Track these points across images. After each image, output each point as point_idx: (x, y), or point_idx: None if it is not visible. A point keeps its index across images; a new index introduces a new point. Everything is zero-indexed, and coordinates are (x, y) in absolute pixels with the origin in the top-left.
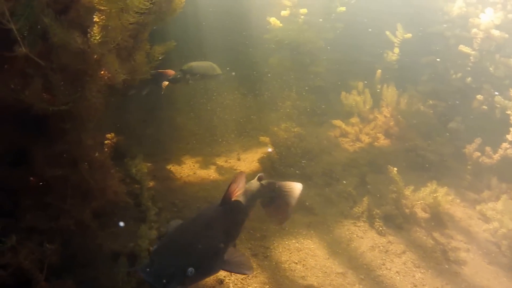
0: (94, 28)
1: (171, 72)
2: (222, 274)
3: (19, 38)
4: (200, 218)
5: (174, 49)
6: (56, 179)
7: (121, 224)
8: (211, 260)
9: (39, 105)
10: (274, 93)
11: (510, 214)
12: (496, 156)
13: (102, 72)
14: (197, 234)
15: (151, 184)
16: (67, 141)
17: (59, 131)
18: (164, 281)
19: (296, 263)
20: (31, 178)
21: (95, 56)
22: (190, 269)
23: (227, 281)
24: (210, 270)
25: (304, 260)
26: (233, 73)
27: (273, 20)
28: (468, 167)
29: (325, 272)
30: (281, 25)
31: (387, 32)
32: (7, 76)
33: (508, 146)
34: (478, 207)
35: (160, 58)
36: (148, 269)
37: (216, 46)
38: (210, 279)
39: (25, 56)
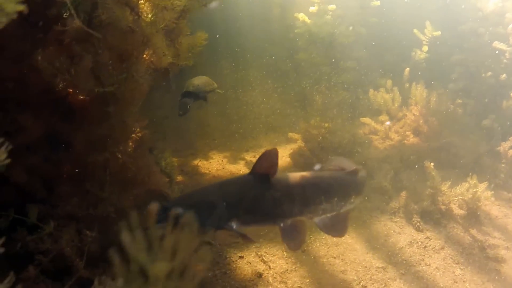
0: (145, 5)
1: None
2: (261, 267)
3: (73, 10)
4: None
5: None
6: (95, 165)
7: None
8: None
9: (85, 86)
10: (304, 89)
11: None
12: None
13: (147, 54)
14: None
15: (180, 178)
16: (109, 125)
17: (101, 115)
18: None
19: (335, 257)
20: (69, 165)
21: (144, 37)
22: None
23: (266, 274)
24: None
25: (343, 255)
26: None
27: (301, 16)
28: (502, 165)
29: (365, 267)
30: (308, 21)
31: (415, 30)
32: (53, 54)
33: None
34: None
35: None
36: None
37: (247, 42)
38: (249, 273)
39: (76, 31)
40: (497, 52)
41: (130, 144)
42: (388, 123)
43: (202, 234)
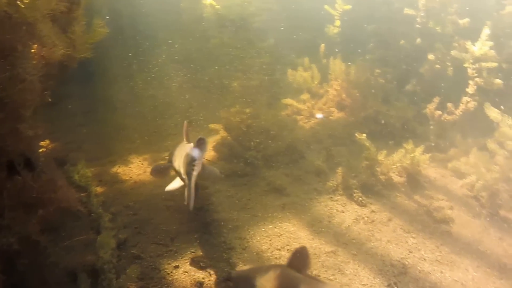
0: None
1: None
2: (200, 275)
3: None
4: None
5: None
6: None
7: None
8: None
9: None
10: (220, 76)
11: (485, 166)
12: (458, 111)
13: (35, 46)
14: None
15: (100, 189)
16: None
17: None
18: None
19: (280, 249)
20: None
21: (26, 24)
22: None
23: (207, 282)
24: None
25: (288, 245)
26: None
27: (208, 0)
28: (431, 127)
29: (314, 254)
30: (217, 5)
31: (326, 6)
32: None
33: (468, 99)
34: (449, 165)
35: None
36: None
37: (157, 36)
38: (188, 284)
39: None
40: (408, 18)
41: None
42: None
43: None
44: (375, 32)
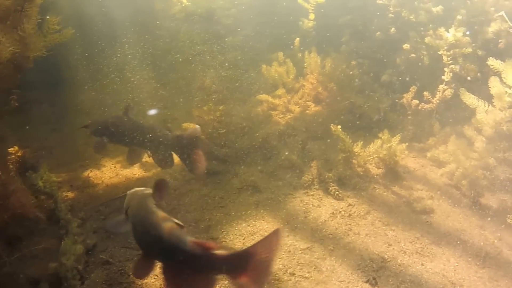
0: None
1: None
2: None
3: None
4: None
5: None
6: None
7: None
8: None
9: None
10: (190, 73)
11: (464, 153)
12: (435, 100)
13: None
14: None
15: (71, 194)
16: None
17: None
18: None
19: None
20: None
21: None
22: None
23: None
24: None
25: None
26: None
27: None
28: (409, 117)
29: (289, 252)
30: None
31: (299, 0)
32: None
33: (445, 87)
34: (428, 154)
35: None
36: None
37: (118, 26)
38: (158, 287)
39: None
40: (381, 7)
41: None
42: None
43: None
44: (349, 23)
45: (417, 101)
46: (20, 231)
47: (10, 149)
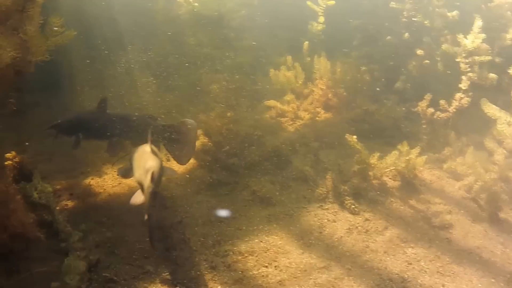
0: None
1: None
2: None
3: None
4: None
5: None
6: None
7: None
8: None
9: None
10: (198, 79)
11: (483, 166)
12: (452, 109)
13: None
14: None
15: (71, 203)
16: None
17: None
18: None
19: (267, 266)
20: None
21: None
22: None
23: None
24: None
25: (275, 261)
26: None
27: None
28: (423, 126)
29: (305, 271)
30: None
31: (308, 2)
32: None
33: (462, 95)
34: (445, 166)
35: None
36: None
37: (130, 40)
38: None
39: None
40: (395, 12)
41: None
42: None
43: None
44: (361, 28)
45: (432, 110)
46: (19, 252)
47: (8, 154)
